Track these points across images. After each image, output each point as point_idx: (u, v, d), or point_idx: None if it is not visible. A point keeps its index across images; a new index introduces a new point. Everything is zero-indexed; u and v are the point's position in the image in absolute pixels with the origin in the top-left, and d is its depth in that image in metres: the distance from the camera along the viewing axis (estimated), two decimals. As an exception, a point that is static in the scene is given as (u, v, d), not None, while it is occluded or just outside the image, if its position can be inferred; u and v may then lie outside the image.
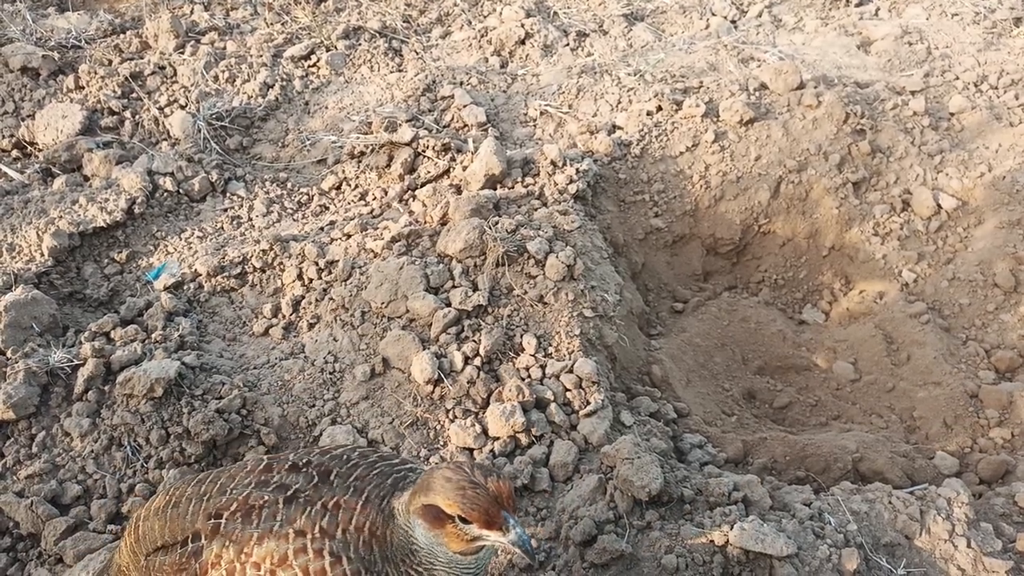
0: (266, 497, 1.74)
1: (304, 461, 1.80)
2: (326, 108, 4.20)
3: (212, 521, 1.75)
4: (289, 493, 1.73)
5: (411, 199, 3.64)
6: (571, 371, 2.86)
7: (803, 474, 2.89)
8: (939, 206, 3.93)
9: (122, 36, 4.45)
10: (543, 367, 2.89)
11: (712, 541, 2.37)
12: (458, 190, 3.61)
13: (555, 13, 4.92)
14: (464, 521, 1.62)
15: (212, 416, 2.65)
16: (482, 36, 4.73)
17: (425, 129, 3.97)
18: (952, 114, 4.24)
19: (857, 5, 5.18)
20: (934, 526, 2.44)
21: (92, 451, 2.62)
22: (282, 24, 4.69)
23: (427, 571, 1.73)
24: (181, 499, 1.85)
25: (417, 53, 4.57)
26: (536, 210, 3.42)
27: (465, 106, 4.12)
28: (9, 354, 2.82)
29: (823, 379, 3.56)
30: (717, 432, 3.07)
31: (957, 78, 4.43)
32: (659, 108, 4.09)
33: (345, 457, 1.82)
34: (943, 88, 4.37)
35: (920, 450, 3.04)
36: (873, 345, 3.58)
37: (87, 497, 2.55)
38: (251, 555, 1.69)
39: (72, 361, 2.78)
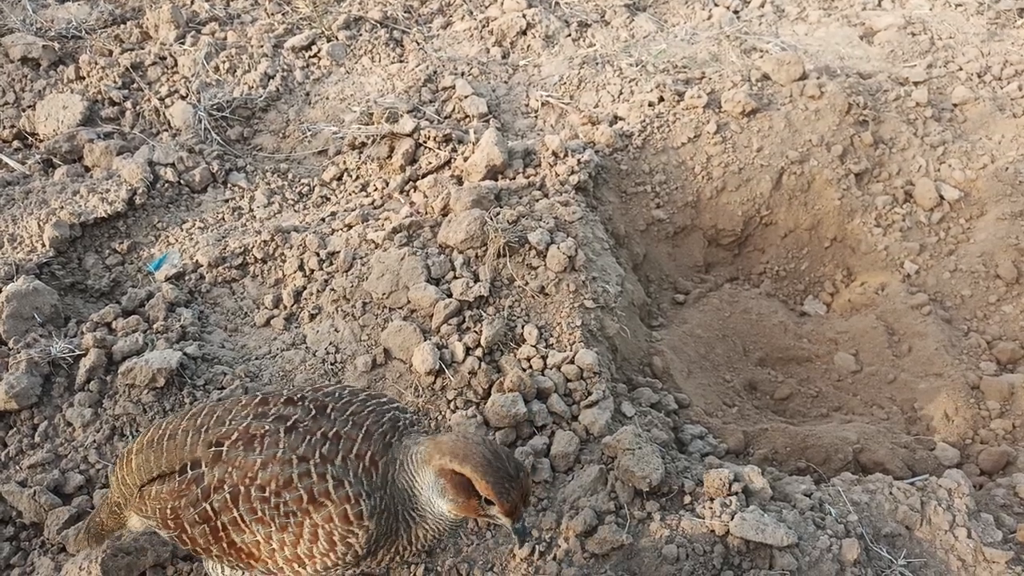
0: (266, 427, 1.83)
1: (299, 396, 1.90)
2: (327, 99, 4.19)
3: (213, 449, 1.84)
4: (289, 423, 1.83)
5: (412, 190, 3.64)
6: (572, 362, 2.86)
7: (804, 465, 2.89)
8: (941, 197, 3.92)
9: (123, 26, 4.44)
10: (544, 358, 2.89)
11: (713, 531, 2.38)
12: (459, 181, 3.61)
13: (556, 3, 4.90)
14: (489, 503, 1.74)
15: (214, 406, 2.65)
16: (483, 27, 4.72)
17: (426, 120, 3.96)
18: (955, 105, 4.23)
19: (860, -5, 5.16)
20: (935, 517, 2.45)
21: (94, 441, 2.63)
22: (283, 14, 4.67)
23: (420, 517, 1.83)
24: (177, 431, 1.92)
25: (418, 44, 4.55)
26: (537, 201, 3.41)
27: (466, 97, 4.11)
28: (11, 344, 2.82)
29: (824, 370, 3.56)
30: (718, 423, 3.08)
31: (960, 69, 4.41)
32: (661, 99, 4.07)
33: (337, 394, 1.92)
34: (946, 79, 4.35)
35: (921, 441, 3.04)
36: (874, 336, 3.58)
37: (89, 487, 2.56)
38: (256, 479, 1.78)
39: (74, 351, 2.78)
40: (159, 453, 1.92)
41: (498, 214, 3.24)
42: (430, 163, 3.73)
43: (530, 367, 2.87)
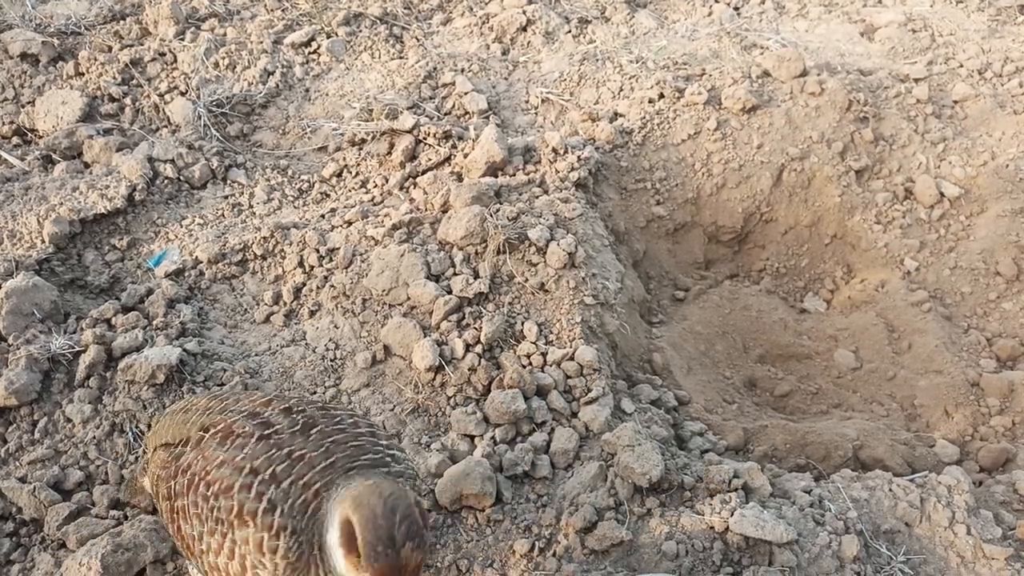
0: (247, 428, 1.78)
1: (299, 408, 1.84)
2: (327, 95, 4.19)
3: (199, 433, 1.84)
4: (267, 431, 1.76)
5: (412, 186, 3.63)
6: (572, 358, 2.86)
7: (803, 462, 2.89)
8: (942, 194, 3.92)
9: (122, 22, 4.43)
10: (544, 354, 2.89)
11: (712, 528, 2.38)
12: (459, 177, 3.60)
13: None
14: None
15: (213, 403, 2.65)
16: (483, 23, 4.71)
17: (426, 116, 3.95)
18: (955, 102, 4.23)
19: (861, -8, 5.14)
20: (934, 513, 2.45)
21: (94, 437, 2.63)
22: (282, 10, 4.66)
23: (327, 570, 1.63)
24: (193, 407, 1.96)
25: (418, 40, 4.54)
26: (537, 198, 3.41)
27: (466, 93, 4.10)
28: (11, 340, 2.82)
29: (824, 367, 3.56)
30: (718, 420, 3.08)
31: (961, 66, 4.41)
32: (661, 96, 4.07)
33: (338, 418, 1.83)
34: (947, 76, 4.35)
35: (921, 438, 3.04)
36: (874, 333, 3.58)
37: (89, 483, 2.56)
38: (208, 474, 1.75)
39: (73, 347, 2.78)
40: (172, 423, 1.97)
41: (498, 211, 3.24)
42: (430, 160, 3.73)
43: (530, 364, 2.87)
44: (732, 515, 2.37)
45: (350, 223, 3.38)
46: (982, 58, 4.42)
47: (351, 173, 3.79)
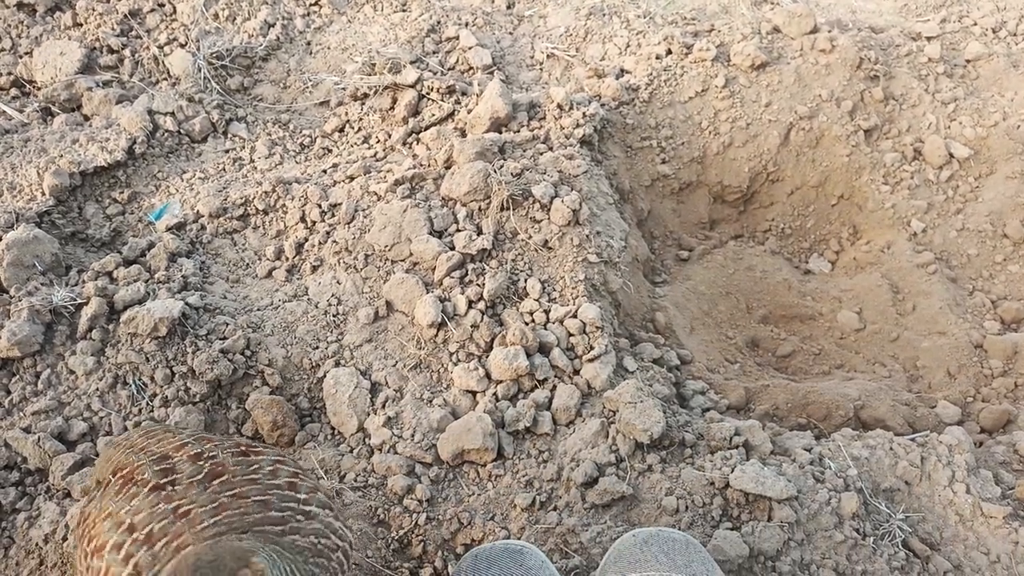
0: (146, 475, 1.55)
1: (210, 454, 1.59)
2: (328, 48, 4.12)
3: (109, 477, 1.61)
4: (164, 480, 1.53)
5: (415, 142, 3.59)
6: (575, 316, 2.85)
7: (804, 421, 2.90)
8: (951, 155, 3.87)
9: (120, -28, 4.34)
10: (547, 312, 2.88)
11: (712, 483, 2.39)
12: (463, 133, 3.56)
13: (564, -48, 4.77)
14: None
15: (216, 356, 2.65)
16: (488, -24, 4.61)
17: (430, 71, 3.89)
18: (968, 61, 4.15)
19: (875, -53, 5.02)
20: (934, 473, 2.46)
21: (97, 389, 2.63)
22: (283, -39, 4.56)
23: None
24: (125, 443, 1.74)
25: (422, -7, 4.45)
26: (541, 154, 3.37)
27: (470, 48, 4.03)
28: (12, 292, 2.81)
29: (827, 328, 3.55)
30: (720, 379, 3.08)
31: (975, 24, 4.32)
32: (668, 52, 4.00)
33: (254, 466, 1.58)
34: (960, 34, 4.27)
35: (922, 399, 3.05)
36: (879, 295, 3.56)
37: (93, 434, 2.57)
38: (92, 527, 1.52)
39: (75, 300, 2.77)
40: (104, 459, 1.76)
41: (502, 167, 3.20)
42: (433, 115, 3.68)
43: (532, 321, 2.86)
44: (732, 471, 2.38)
45: (352, 178, 3.34)
46: (997, 16, 4.33)
47: (353, 128, 3.75)
